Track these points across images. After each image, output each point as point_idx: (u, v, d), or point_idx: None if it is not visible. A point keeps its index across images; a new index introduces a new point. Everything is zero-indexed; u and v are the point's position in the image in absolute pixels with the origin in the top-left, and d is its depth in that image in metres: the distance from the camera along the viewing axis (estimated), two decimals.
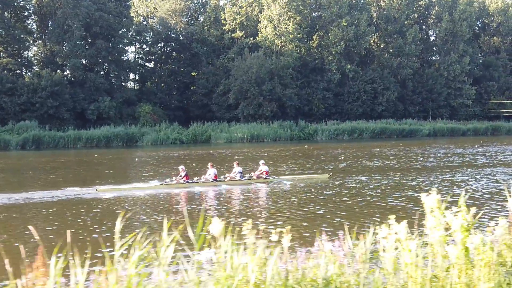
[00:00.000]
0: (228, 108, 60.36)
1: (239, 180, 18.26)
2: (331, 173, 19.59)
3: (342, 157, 27.31)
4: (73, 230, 10.43)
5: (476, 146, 36.01)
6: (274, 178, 18.76)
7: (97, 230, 10.75)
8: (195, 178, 18.30)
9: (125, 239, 2.30)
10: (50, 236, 10.08)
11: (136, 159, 28.12)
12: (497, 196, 13.87)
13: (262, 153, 31.94)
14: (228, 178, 18.45)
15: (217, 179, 18.27)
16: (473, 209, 2.91)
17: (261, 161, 19.58)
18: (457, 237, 2.66)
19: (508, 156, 26.81)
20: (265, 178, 18.64)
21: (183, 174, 17.78)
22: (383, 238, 2.65)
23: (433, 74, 68.08)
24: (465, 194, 2.93)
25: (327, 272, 2.44)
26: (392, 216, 2.84)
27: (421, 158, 26.66)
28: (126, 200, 14.72)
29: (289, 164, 23.57)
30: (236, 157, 28.60)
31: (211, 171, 18.37)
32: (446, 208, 2.78)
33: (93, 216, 12.32)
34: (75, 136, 47.39)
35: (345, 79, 63.22)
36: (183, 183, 17.60)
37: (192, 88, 65.10)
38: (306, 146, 40.34)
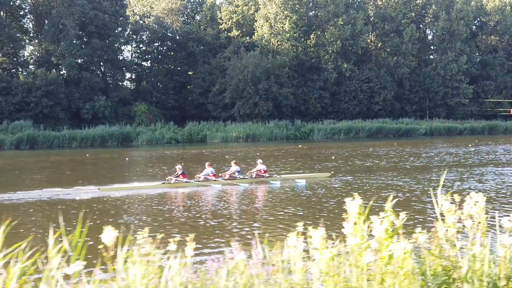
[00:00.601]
0: (224, 108, 60.24)
1: (241, 178, 18.26)
2: (332, 172, 19.53)
3: (333, 157, 27.19)
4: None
5: (470, 145, 35.86)
6: (275, 177, 18.72)
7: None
8: (195, 178, 18.24)
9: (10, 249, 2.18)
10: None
11: (127, 158, 27.99)
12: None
13: (254, 153, 31.80)
14: (226, 177, 18.35)
15: (216, 178, 18.23)
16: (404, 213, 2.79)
17: (259, 160, 19.50)
18: (374, 244, 2.55)
19: (499, 156, 26.66)
20: (266, 177, 18.58)
21: (179, 173, 17.70)
22: (291, 247, 2.54)
23: (430, 73, 67.96)
24: (393, 199, 2.80)
25: (229, 282, 2.33)
26: (301, 223, 2.72)
27: (412, 158, 26.52)
28: (102, 200, 14.59)
29: (278, 164, 23.43)
30: (226, 156, 28.51)
31: (208, 170, 18.32)
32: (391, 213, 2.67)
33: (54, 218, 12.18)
34: (70, 136, 47.27)
35: (342, 78, 63.09)
36: (186, 182, 17.64)
37: (188, 87, 64.98)
38: (300, 146, 40.21)
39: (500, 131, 64.73)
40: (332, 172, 19.58)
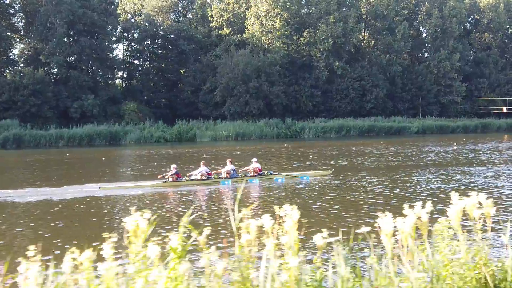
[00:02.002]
0: (215, 106, 59.90)
1: (240, 177, 18.28)
2: (333, 170, 19.37)
3: (311, 156, 26.87)
4: None
5: (455, 144, 35.55)
6: (273, 174, 18.68)
7: None
8: (186, 176, 18.13)
9: None
10: None
11: (103, 158, 27.66)
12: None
13: (235, 152, 31.50)
14: (224, 175, 18.33)
15: (211, 177, 18.15)
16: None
17: (254, 159, 19.36)
18: (130, 269, 2.19)
19: (480, 155, 26.32)
20: (260, 174, 18.53)
21: (173, 172, 17.67)
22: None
23: (423, 71, 67.59)
24: (192, 214, 2.47)
25: None
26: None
27: (390, 157, 26.19)
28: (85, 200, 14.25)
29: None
30: (204, 156, 28.15)
31: (203, 169, 18.29)
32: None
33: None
34: (57, 135, 46.93)
35: (334, 76, 62.69)
36: (182, 180, 17.69)
37: (179, 86, 64.61)
38: (286, 145, 39.88)
39: (493, 129, 64.39)
40: (333, 169, 19.38)
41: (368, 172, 19.53)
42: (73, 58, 55.27)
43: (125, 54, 66.53)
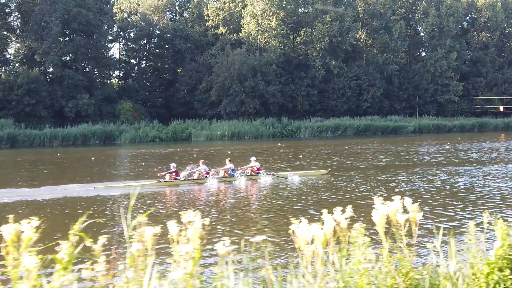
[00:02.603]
0: (211, 106, 59.72)
1: (234, 176, 18.34)
2: (329, 169, 19.36)
3: (300, 156, 26.70)
4: None
5: (448, 143, 35.37)
6: (273, 174, 18.70)
7: None
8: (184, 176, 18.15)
9: None
10: None
11: (93, 158, 27.48)
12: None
13: (227, 151, 31.34)
14: (221, 175, 18.42)
15: (208, 176, 18.18)
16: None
17: (252, 158, 19.43)
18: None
19: (470, 155, 26.14)
20: (257, 174, 18.55)
21: (172, 170, 17.73)
22: None
23: (420, 70, 67.40)
24: (86, 221, 2.31)
25: None
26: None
27: (381, 156, 26.03)
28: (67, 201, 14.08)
29: (239, 162, 22.91)
30: (194, 155, 27.98)
31: (202, 168, 18.31)
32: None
33: None
34: (51, 135, 46.73)
35: (330, 76, 62.49)
36: (181, 180, 17.69)
37: (175, 85, 64.40)
38: (279, 144, 39.70)
39: (490, 128, 64.26)
40: (329, 169, 19.34)
41: (354, 172, 19.40)
42: (68, 58, 55.08)
43: (122, 53, 66.34)
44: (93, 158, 27.40)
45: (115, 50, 65.62)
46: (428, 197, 13.46)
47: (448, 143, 35.25)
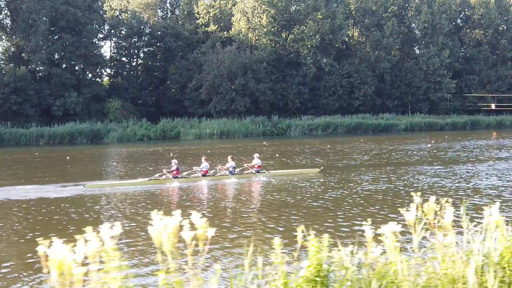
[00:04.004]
0: (201, 104, 59.38)
1: (248, 173, 18.42)
2: (322, 168, 19.16)
3: (277, 155, 26.36)
4: None
5: (433, 141, 35.02)
6: (264, 172, 18.67)
7: None
8: (184, 174, 18.02)
9: None
10: None
11: (67, 157, 27.15)
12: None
13: (207, 150, 31.01)
14: (222, 172, 18.44)
15: (207, 174, 18.18)
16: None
17: (255, 155, 19.41)
18: None
19: (448, 153, 25.80)
20: (255, 172, 18.50)
21: (174, 167, 17.56)
22: None
23: (412, 67, 67.00)
24: None
25: None
26: None
27: (357, 156, 25.69)
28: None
29: (217, 162, 22.62)
30: (172, 154, 27.62)
31: (204, 165, 18.23)
32: None
33: None
34: (38, 133, 46.35)
35: (321, 74, 62.09)
36: (171, 178, 17.43)
37: (166, 83, 64.03)
38: (264, 142, 39.38)
39: (482, 126, 63.91)
40: (322, 168, 19.05)
41: (323, 172, 19.06)
42: (56, 56, 54.68)
43: (113, 51, 65.92)
44: (67, 157, 27.07)
45: (107, 48, 65.03)
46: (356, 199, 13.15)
47: (433, 141, 34.92)
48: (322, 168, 19.09)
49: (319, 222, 10.11)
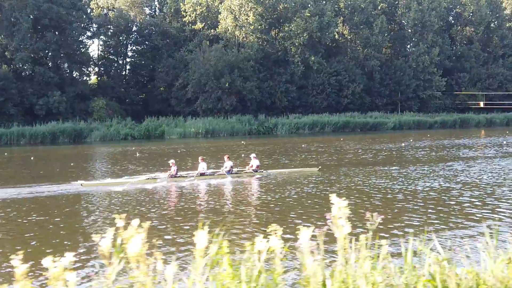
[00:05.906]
0: (187, 102, 58.85)
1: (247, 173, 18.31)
2: (320, 167, 19.24)
3: (242, 155, 25.86)
4: None
5: (411, 140, 34.49)
6: (262, 171, 18.61)
7: None
8: (183, 173, 18.02)
9: None
10: None
11: (32, 158, 26.65)
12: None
13: (180, 150, 30.50)
14: (220, 172, 18.54)
15: (205, 173, 18.18)
16: None
17: (252, 155, 19.45)
18: None
19: (418, 153, 25.28)
20: (255, 172, 18.47)
21: (174, 168, 17.59)
22: None
23: (402, 65, 66.42)
24: None
25: None
26: None
27: (326, 155, 25.17)
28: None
29: (189, 164, 22.15)
30: (137, 154, 27.10)
31: (202, 165, 18.23)
32: None
33: None
34: (18, 133, 45.84)
35: (309, 72, 61.52)
36: (170, 177, 17.41)
37: (153, 81, 63.48)
38: (242, 142, 38.83)
39: (472, 124, 63.42)
40: (320, 167, 19.17)
41: (278, 174, 18.68)
42: (40, 54, 54.11)
43: (101, 50, 65.36)
44: (32, 158, 26.56)
45: (95, 46, 64.47)
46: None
47: (411, 140, 34.39)
48: (320, 167, 19.17)
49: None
